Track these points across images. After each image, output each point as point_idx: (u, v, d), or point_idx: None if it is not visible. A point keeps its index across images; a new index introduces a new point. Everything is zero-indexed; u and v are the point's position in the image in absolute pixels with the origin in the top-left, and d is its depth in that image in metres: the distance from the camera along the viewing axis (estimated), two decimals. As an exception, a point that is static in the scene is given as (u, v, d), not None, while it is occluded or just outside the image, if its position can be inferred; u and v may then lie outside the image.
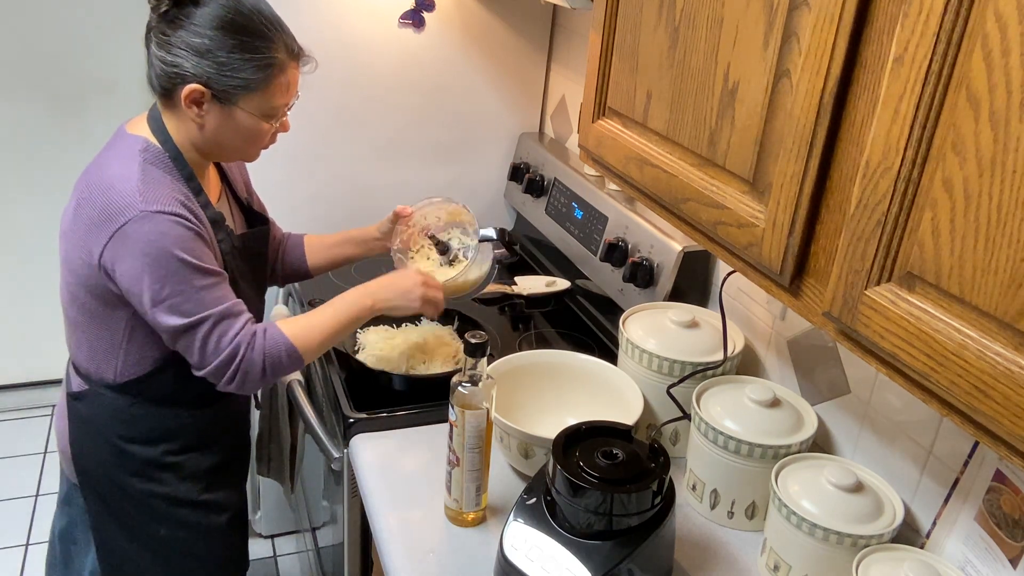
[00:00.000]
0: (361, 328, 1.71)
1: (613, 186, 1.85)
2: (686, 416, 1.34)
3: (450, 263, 1.61)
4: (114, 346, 1.34)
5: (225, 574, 1.57)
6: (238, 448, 1.57)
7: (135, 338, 1.32)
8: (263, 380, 1.32)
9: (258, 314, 1.56)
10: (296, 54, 1.31)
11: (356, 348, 1.67)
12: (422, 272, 1.48)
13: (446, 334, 1.71)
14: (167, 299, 1.23)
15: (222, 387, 1.30)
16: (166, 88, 1.27)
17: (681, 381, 1.35)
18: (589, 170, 1.96)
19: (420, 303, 1.44)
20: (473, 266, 1.58)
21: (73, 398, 1.40)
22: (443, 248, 1.60)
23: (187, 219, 1.24)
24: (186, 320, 1.24)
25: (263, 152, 1.43)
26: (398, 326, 1.74)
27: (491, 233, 1.64)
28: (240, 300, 1.31)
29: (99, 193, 1.24)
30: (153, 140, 1.30)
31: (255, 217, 1.53)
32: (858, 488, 1.13)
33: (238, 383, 1.30)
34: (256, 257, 1.50)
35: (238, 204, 1.50)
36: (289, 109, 1.35)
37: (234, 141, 1.31)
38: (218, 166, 1.47)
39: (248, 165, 1.59)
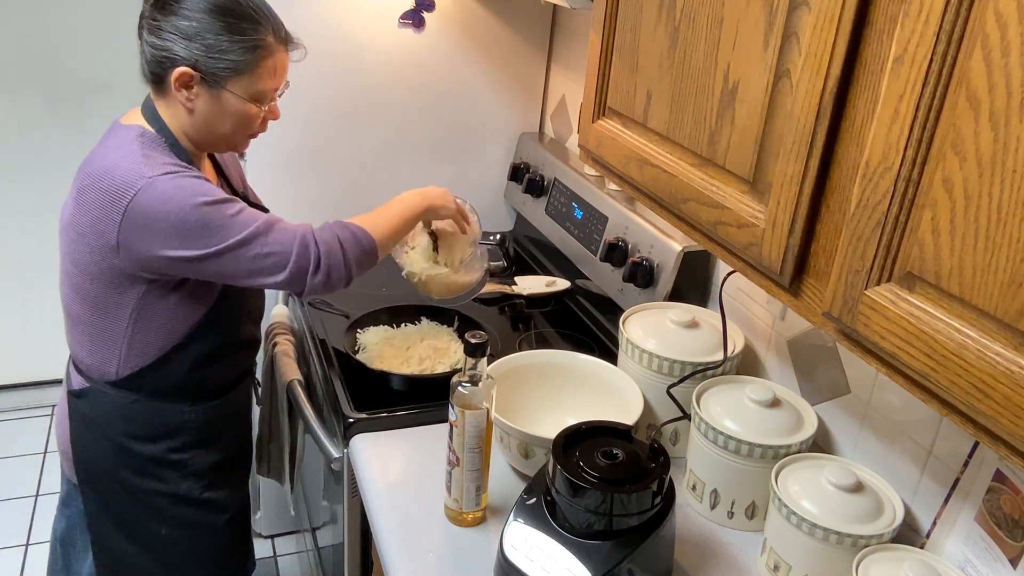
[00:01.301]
0: (361, 328, 1.71)
1: (613, 186, 1.85)
2: (686, 416, 1.34)
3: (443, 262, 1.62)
4: (117, 337, 1.34)
5: (226, 574, 1.57)
6: (240, 446, 1.57)
7: (139, 327, 1.33)
8: (348, 267, 1.33)
9: (259, 306, 1.56)
10: (284, 39, 1.32)
11: (356, 348, 1.67)
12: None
13: (446, 334, 1.71)
14: (209, 243, 1.23)
15: (311, 287, 1.30)
16: (157, 74, 1.28)
17: (681, 381, 1.35)
18: (589, 170, 1.96)
19: (455, 207, 1.54)
20: (462, 271, 1.59)
21: (74, 396, 1.40)
22: (437, 246, 1.61)
23: (188, 169, 1.26)
24: (235, 239, 1.24)
25: (263, 152, 1.43)
26: (398, 326, 1.74)
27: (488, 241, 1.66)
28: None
29: (102, 177, 1.24)
30: (149, 129, 1.31)
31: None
32: (858, 488, 1.13)
33: (324, 274, 1.30)
34: None
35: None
36: (279, 96, 1.36)
37: (224, 126, 1.32)
38: (213, 161, 1.48)
39: (248, 166, 1.59)
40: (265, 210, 1.55)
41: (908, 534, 1.19)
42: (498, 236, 1.68)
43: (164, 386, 1.38)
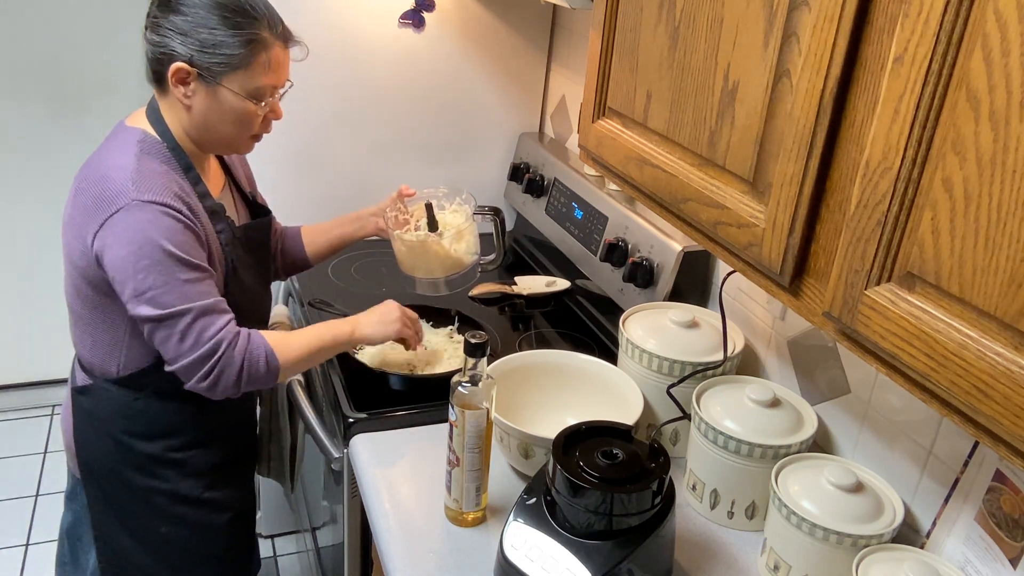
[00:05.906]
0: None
1: (613, 186, 1.85)
2: (686, 416, 1.34)
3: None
4: (117, 339, 1.34)
5: (227, 574, 1.57)
6: (243, 447, 1.57)
7: (137, 330, 1.33)
8: (236, 385, 1.29)
9: (264, 308, 1.56)
10: (282, 35, 1.32)
11: (356, 348, 1.67)
12: (402, 306, 1.52)
13: (446, 335, 1.71)
14: (149, 290, 1.22)
15: (192, 386, 1.28)
16: (157, 71, 1.29)
17: (681, 381, 1.35)
18: (589, 170, 1.96)
19: (399, 325, 1.47)
20: (452, 245, 1.61)
21: (78, 392, 1.41)
22: (434, 226, 1.63)
23: (178, 211, 1.24)
24: (166, 311, 1.23)
25: (263, 152, 1.43)
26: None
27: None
28: (224, 299, 1.31)
29: (94, 183, 1.25)
30: (151, 132, 1.31)
31: (259, 211, 1.54)
32: (858, 488, 1.13)
33: (210, 383, 1.27)
34: (259, 248, 1.51)
35: (242, 198, 1.51)
36: (282, 95, 1.36)
37: (222, 124, 1.31)
38: (221, 162, 1.48)
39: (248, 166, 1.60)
40: (268, 211, 1.55)
41: (908, 534, 1.19)
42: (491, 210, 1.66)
43: (166, 386, 1.38)
